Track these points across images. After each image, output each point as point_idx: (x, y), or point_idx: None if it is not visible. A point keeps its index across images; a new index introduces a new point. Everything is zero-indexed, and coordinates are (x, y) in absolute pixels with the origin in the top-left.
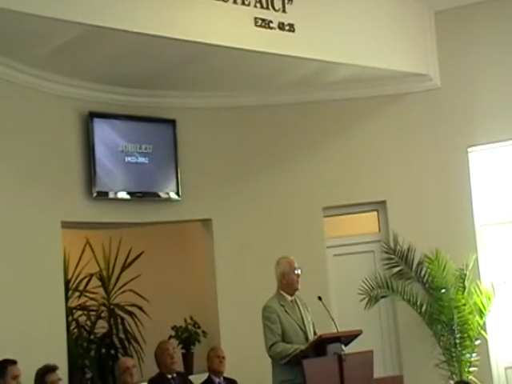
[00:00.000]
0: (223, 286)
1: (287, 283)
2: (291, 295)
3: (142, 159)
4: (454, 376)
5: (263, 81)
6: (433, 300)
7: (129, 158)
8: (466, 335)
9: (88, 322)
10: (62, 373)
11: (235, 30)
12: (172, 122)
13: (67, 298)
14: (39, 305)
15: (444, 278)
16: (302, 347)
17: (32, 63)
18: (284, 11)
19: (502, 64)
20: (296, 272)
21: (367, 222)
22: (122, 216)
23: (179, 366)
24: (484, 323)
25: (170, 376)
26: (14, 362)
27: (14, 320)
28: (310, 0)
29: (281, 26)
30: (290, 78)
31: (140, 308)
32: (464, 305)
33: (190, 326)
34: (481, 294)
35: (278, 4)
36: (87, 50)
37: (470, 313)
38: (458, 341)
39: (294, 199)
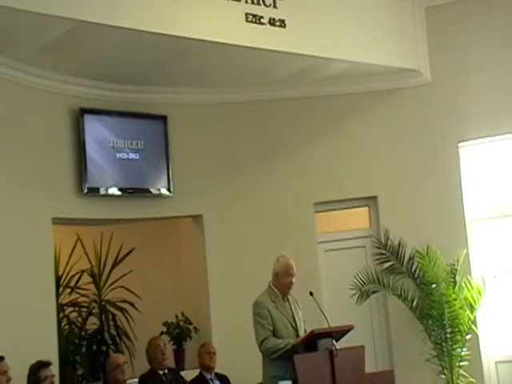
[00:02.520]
0: (214, 282)
1: (278, 284)
2: (282, 294)
3: (132, 155)
4: (445, 370)
5: (254, 77)
6: (424, 295)
7: (120, 154)
8: (456, 330)
9: (79, 319)
10: (53, 369)
11: (226, 26)
12: (163, 118)
13: (58, 295)
14: (30, 301)
15: (435, 272)
16: (293, 341)
17: (22, 59)
18: (275, 7)
19: (493, 59)
20: (290, 279)
21: (358, 218)
22: (113, 212)
23: (170, 362)
24: (475, 318)
25: (161, 372)
26: (1, 358)
27: (4, 316)
28: None
29: (272, 22)
30: (281, 73)
31: (131, 304)
32: (455, 299)
33: (181, 322)
34: (471, 288)
35: (268, 0)
36: (77, 45)
37: (460, 307)
38: (448, 335)
39: (286, 195)
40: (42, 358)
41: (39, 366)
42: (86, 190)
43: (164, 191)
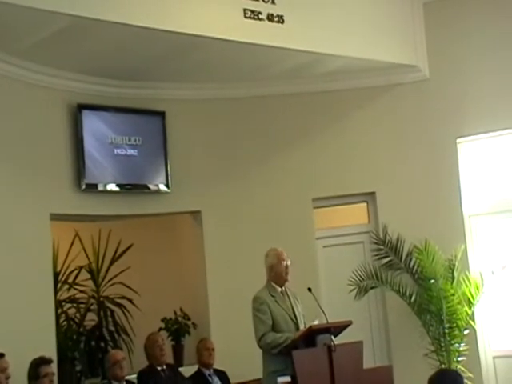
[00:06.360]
0: (213, 277)
1: (276, 275)
2: (281, 286)
3: (131, 151)
4: (443, 365)
5: (253, 72)
6: (422, 290)
7: (118, 150)
8: (454, 325)
9: (77, 315)
10: (52, 366)
11: (224, 22)
12: (161, 114)
13: (56, 291)
14: (28, 298)
15: (433, 268)
16: (292, 336)
17: (20, 55)
18: (273, 2)
19: (491, 55)
20: (284, 263)
21: (357, 213)
22: (111, 208)
23: (169, 358)
24: (472, 313)
25: (159, 368)
26: (1, 355)
27: (2, 313)
28: None
29: (270, 18)
30: (280, 69)
31: (130, 300)
32: (453, 295)
33: (179, 318)
34: (469, 284)
35: None
36: (75, 41)
37: (458, 303)
38: (446, 331)
39: (284, 190)
40: (40, 354)
41: (40, 362)
42: (84, 186)
43: (162, 187)
